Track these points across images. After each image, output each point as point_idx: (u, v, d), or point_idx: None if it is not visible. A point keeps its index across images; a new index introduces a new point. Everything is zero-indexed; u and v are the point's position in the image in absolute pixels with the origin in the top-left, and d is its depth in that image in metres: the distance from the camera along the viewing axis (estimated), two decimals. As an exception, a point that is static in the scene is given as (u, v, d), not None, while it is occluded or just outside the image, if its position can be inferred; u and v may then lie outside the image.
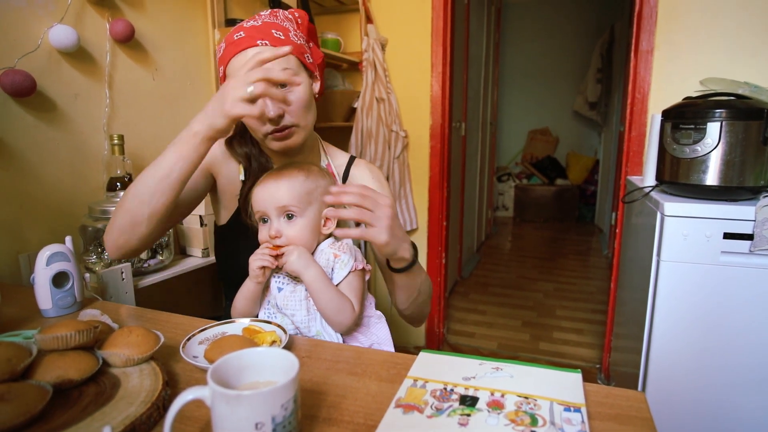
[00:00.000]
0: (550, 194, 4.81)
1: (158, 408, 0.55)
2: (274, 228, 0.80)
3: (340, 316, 0.80)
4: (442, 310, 2.39)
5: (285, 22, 0.90)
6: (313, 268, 0.79)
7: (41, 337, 0.59)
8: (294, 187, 0.80)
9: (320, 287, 0.78)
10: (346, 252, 0.83)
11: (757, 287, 1.21)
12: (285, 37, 0.86)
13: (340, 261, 0.82)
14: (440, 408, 0.56)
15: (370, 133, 2.08)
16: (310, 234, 0.82)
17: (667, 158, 1.37)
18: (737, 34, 1.65)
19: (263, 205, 0.81)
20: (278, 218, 0.81)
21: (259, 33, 0.85)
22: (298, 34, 0.91)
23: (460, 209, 3.03)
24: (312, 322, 0.82)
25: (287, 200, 0.80)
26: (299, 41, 0.89)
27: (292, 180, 0.81)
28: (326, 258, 0.83)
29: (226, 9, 1.84)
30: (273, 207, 0.80)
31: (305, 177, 0.82)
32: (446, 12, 2.09)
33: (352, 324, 0.82)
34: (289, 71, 0.84)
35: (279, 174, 0.82)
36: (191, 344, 0.71)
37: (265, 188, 0.81)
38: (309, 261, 0.79)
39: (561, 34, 4.90)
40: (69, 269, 0.86)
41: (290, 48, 0.76)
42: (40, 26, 1.21)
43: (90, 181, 1.35)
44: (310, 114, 0.89)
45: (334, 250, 0.83)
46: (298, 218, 0.81)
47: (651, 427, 0.54)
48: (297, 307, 0.82)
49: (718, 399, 1.27)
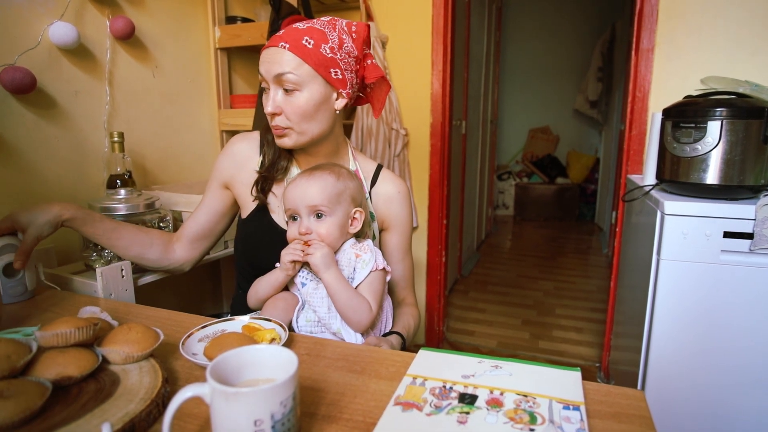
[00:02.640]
0: (550, 193, 4.81)
1: (157, 405, 0.55)
2: (304, 225, 0.84)
3: (357, 316, 0.83)
4: (442, 309, 2.39)
5: (333, 33, 0.87)
6: (332, 269, 0.83)
7: (41, 334, 0.59)
8: (325, 188, 0.84)
9: (338, 288, 0.82)
10: (368, 252, 0.87)
11: (757, 286, 1.21)
12: (313, 48, 0.85)
13: (362, 261, 0.86)
14: (439, 406, 0.56)
15: (371, 131, 2.08)
16: (338, 232, 0.86)
17: (667, 157, 1.37)
18: (738, 33, 1.65)
19: (294, 203, 0.85)
20: (308, 216, 0.85)
21: (289, 36, 0.86)
22: (344, 49, 0.88)
23: (460, 207, 3.03)
24: (333, 319, 0.85)
25: (318, 200, 0.84)
26: (332, 55, 0.86)
27: (323, 181, 0.85)
28: (348, 258, 0.87)
29: (226, 6, 1.84)
30: (304, 205, 0.84)
31: (336, 179, 0.86)
32: (447, 10, 2.09)
33: (369, 324, 0.84)
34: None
35: (311, 175, 0.86)
36: (191, 341, 0.71)
37: (297, 187, 0.85)
38: (330, 263, 0.83)
39: (562, 33, 4.89)
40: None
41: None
42: (41, 23, 1.20)
43: (90, 178, 1.35)
44: (310, 123, 0.89)
45: (356, 250, 0.87)
46: (328, 217, 0.85)
47: (650, 425, 0.54)
48: (319, 303, 0.85)
49: (717, 398, 1.27)
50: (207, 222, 1.05)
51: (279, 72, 0.85)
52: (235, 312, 1.01)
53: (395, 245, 1.04)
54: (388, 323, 0.95)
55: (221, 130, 1.86)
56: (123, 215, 1.17)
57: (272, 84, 0.87)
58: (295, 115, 0.87)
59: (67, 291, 1.05)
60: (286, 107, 0.87)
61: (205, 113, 1.80)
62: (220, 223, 1.07)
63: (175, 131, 1.66)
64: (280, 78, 0.85)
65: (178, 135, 1.67)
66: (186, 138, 1.71)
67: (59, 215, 0.92)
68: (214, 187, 1.03)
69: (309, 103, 0.87)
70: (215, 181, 1.03)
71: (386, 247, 1.04)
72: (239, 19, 1.82)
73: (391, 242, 1.04)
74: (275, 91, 0.87)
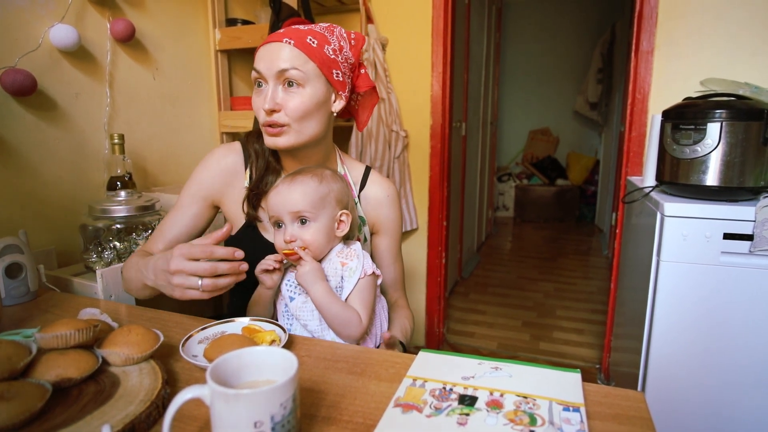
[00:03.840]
0: (550, 194, 4.81)
1: (157, 407, 0.55)
2: (288, 233, 0.82)
3: (347, 330, 0.82)
4: (442, 310, 2.39)
5: (332, 37, 0.88)
6: (319, 284, 0.80)
7: (41, 335, 0.60)
8: (307, 193, 0.82)
9: (325, 304, 0.80)
10: (354, 259, 0.85)
11: (757, 288, 1.21)
12: (317, 47, 0.84)
13: (349, 269, 0.84)
14: (439, 407, 0.56)
15: (371, 133, 2.08)
16: (325, 237, 0.84)
17: (667, 159, 1.37)
18: (738, 35, 1.65)
19: (277, 210, 0.83)
20: (292, 223, 0.82)
21: (293, 34, 0.84)
22: (343, 53, 0.89)
23: (460, 209, 3.03)
24: (325, 331, 0.84)
25: (301, 206, 0.81)
26: (334, 57, 0.87)
27: (305, 186, 0.83)
28: (334, 267, 0.84)
29: (226, 8, 1.84)
30: (287, 212, 0.82)
31: (318, 182, 0.84)
32: (447, 12, 2.09)
33: (359, 336, 0.83)
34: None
35: (292, 180, 0.84)
36: (191, 343, 0.71)
37: (279, 194, 0.83)
38: (316, 278, 0.81)
39: (561, 34, 4.90)
40: (22, 261, 0.90)
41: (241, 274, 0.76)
42: (41, 25, 1.21)
43: (90, 180, 1.36)
44: (309, 123, 0.87)
45: (342, 258, 0.85)
46: (312, 222, 0.83)
47: (650, 426, 0.54)
48: (309, 317, 0.84)
49: (717, 399, 1.27)
50: (185, 237, 0.96)
51: (284, 67, 0.83)
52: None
53: (386, 248, 1.03)
54: (383, 325, 0.94)
55: (221, 132, 1.86)
56: (123, 217, 1.17)
57: (272, 80, 0.84)
58: (296, 111, 0.85)
59: (67, 293, 1.05)
60: (287, 103, 0.84)
61: (206, 115, 1.80)
62: (194, 238, 0.97)
63: (176, 133, 1.66)
64: (283, 74, 0.83)
65: (178, 137, 1.67)
66: (186, 140, 1.71)
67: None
68: (199, 203, 0.96)
69: (312, 100, 0.85)
70: (199, 196, 0.96)
71: (377, 251, 1.04)
72: (239, 22, 1.82)
73: (381, 245, 1.03)
74: (275, 88, 0.84)
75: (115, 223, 1.17)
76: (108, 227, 1.17)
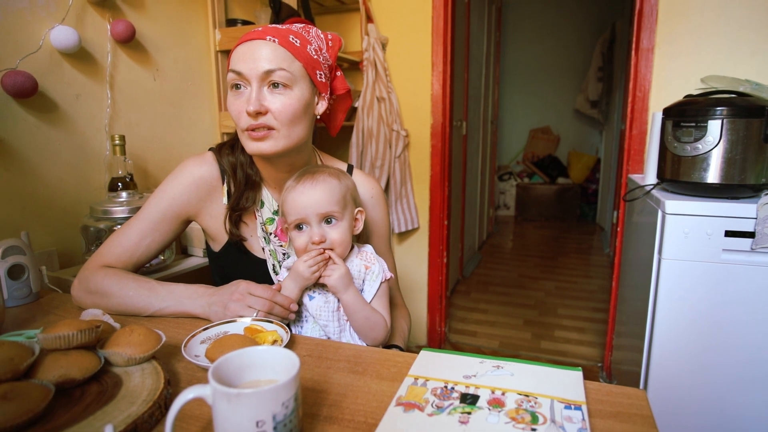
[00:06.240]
0: (551, 193, 4.81)
1: (160, 407, 0.55)
2: (317, 233, 0.80)
3: (374, 332, 0.82)
4: (444, 309, 2.39)
5: (311, 37, 0.85)
6: (351, 289, 0.81)
7: (44, 336, 0.60)
8: (333, 192, 0.81)
9: (356, 308, 0.80)
10: (375, 263, 0.85)
11: (759, 285, 1.20)
12: (300, 46, 0.81)
13: (371, 273, 0.84)
14: (441, 406, 0.56)
15: (371, 133, 2.08)
16: (349, 236, 0.84)
17: (668, 156, 1.37)
18: (738, 32, 1.65)
19: (304, 212, 0.80)
20: (319, 224, 0.81)
21: (275, 32, 0.80)
22: (323, 54, 0.87)
23: (461, 208, 3.03)
24: (343, 333, 0.84)
25: (330, 206, 0.80)
26: (316, 57, 0.84)
27: (329, 185, 0.81)
28: (357, 270, 0.84)
29: (226, 9, 1.85)
30: (314, 213, 0.80)
31: (338, 180, 0.82)
32: (447, 11, 2.09)
33: (385, 340, 0.84)
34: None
35: (313, 179, 0.81)
36: (193, 343, 0.71)
37: (303, 194, 0.80)
38: (348, 283, 0.81)
39: (562, 33, 4.89)
40: (24, 262, 0.90)
41: (290, 314, 0.81)
42: (42, 27, 1.21)
43: (91, 181, 1.36)
44: (296, 126, 0.82)
45: (364, 261, 0.85)
46: (339, 222, 0.82)
47: (652, 424, 0.54)
48: (330, 317, 0.83)
49: (719, 397, 1.27)
50: (152, 252, 0.91)
51: (270, 68, 0.77)
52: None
53: (375, 248, 1.02)
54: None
55: (222, 133, 1.86)
56: (124, 218, 1.17)
57: (256, 82, 0.78)
58: (285, 114, 0.79)
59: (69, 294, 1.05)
60: (274, 106, 0.79)
61: (206, 116, 1.81)
62: (159, 253, 0.93)
63: (176, 134, 1.66)
64: (269, 75, 0.78)
65: (179, 137, 1.67)
66: (187, 140, 1.71)
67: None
68: (170, 221, 0.89)
69: (300, 102, 0.81)
70: (171, 212, 0.89)
71: None
72: (239, 22, 1.82)
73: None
74: (259, 89, 0.78)
75: (117, 224, 1.17)
76: (109, 228, 1.17)
